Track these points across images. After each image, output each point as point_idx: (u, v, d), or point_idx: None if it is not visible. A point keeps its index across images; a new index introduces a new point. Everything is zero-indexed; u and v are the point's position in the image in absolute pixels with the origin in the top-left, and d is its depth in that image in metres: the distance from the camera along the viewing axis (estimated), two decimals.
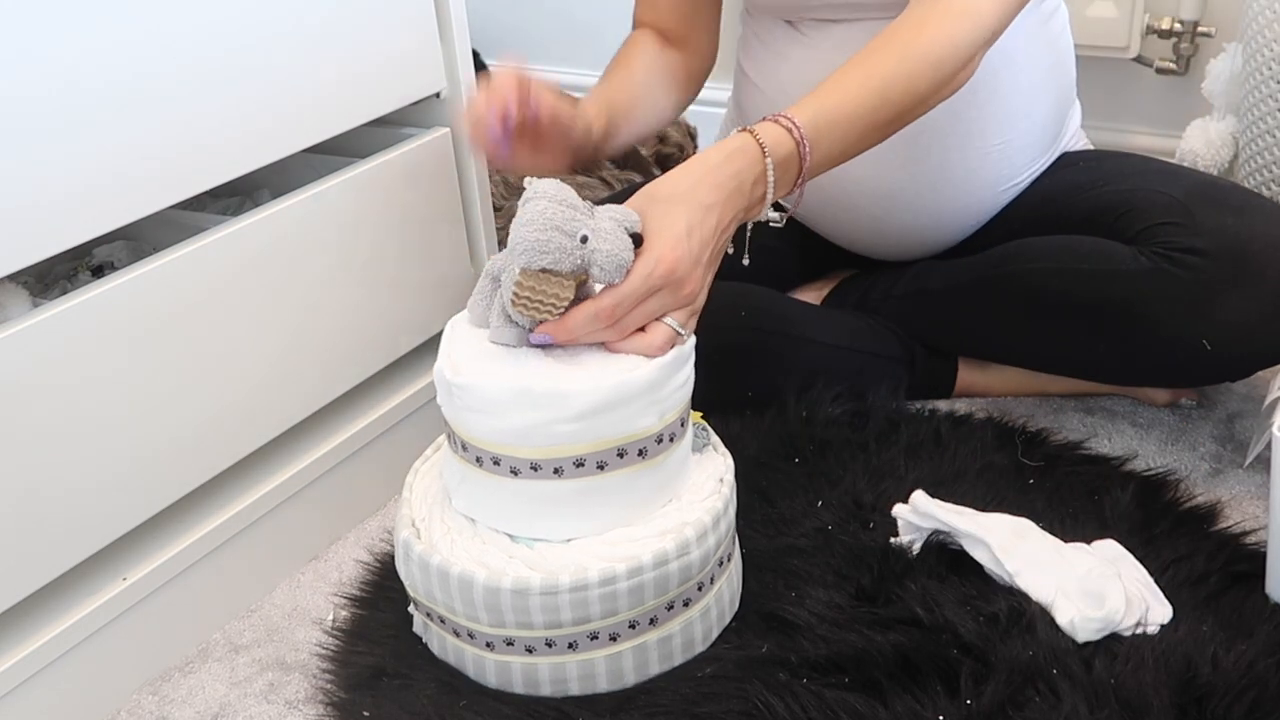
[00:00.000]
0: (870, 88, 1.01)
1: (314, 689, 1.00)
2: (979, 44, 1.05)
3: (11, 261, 0.87)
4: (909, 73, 1.02)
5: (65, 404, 0.92)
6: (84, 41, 0.90)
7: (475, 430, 0.91)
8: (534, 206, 0.88)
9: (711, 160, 0.96)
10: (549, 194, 0.89)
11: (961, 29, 1.03)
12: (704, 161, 0.96)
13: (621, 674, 0.93)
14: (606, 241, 0.88)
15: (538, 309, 0.89)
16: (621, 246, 0.88)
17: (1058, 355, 1.24)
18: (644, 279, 0.90)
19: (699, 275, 0.93)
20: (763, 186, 0.97)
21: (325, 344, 1.14)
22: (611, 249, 0.88)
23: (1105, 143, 1.62)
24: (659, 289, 0.91)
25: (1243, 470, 1.17)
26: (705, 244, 0.93)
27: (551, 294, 0.88)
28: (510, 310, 0.91)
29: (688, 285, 0.92)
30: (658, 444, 0.92)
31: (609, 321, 0.90)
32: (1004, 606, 0.94)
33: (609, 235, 0.88)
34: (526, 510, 0.92)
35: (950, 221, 1.27)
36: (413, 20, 1.17)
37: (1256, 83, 1.40)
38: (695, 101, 2.05)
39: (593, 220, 0.89)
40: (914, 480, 1.12)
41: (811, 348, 1.28)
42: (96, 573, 1.00)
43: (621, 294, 0.90)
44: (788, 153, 0.98)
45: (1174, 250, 1.11)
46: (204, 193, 1.03)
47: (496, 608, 0.90)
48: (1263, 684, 0.86)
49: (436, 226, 1.25)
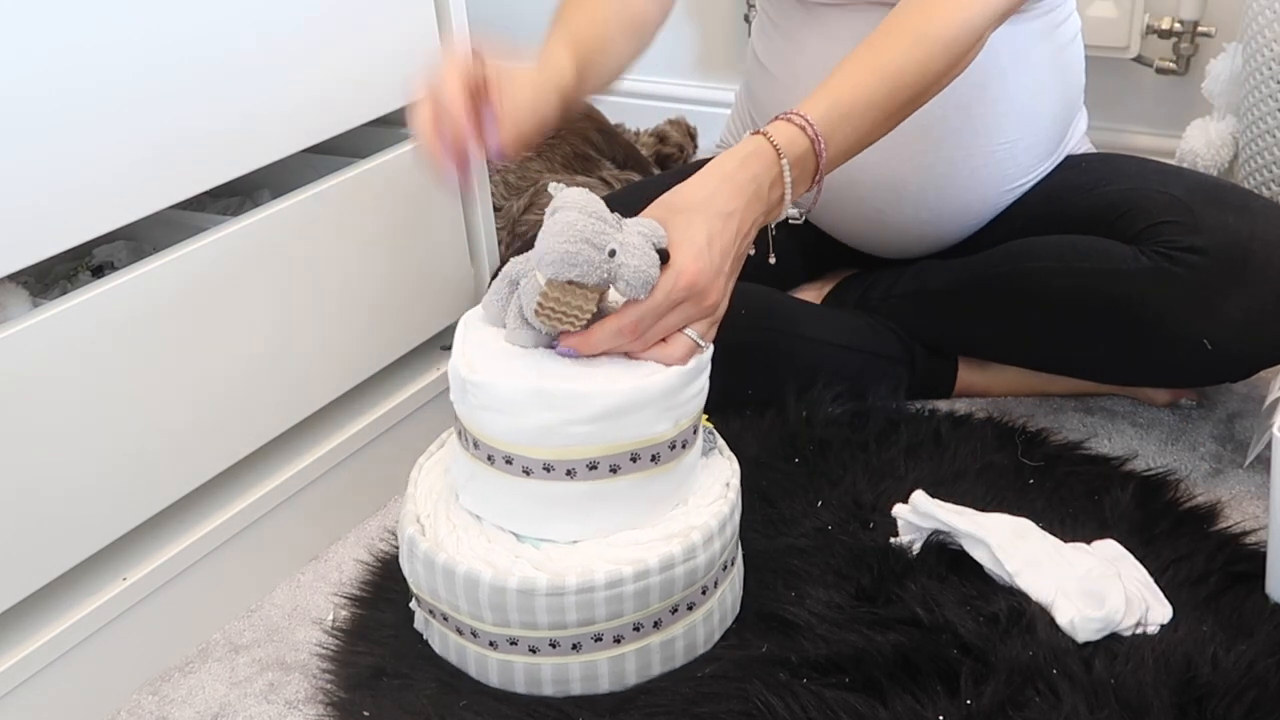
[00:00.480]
0: (883, 75, 1.00)
1: (314, 689, 1.00)
2: (990, 21, 1.03)
3: (11, 261, 0.87)
4: (921, 57, 1.00)
5: (65, 404, 0.92)
6: (84, 41, 0.90)
7: (489, 429, 0.91)
8: (563, 217, 0.87)
9: (727, 167, 0.95)
10: (578, 204, 0.88)
11: (974, 8, 1.02)
12: (720, 168, 0.95)
13: (624, 675, 0.93)
14: (634, 257, 0.87)
15: (560, 319, 0.89)
16: (648, 263, 0.88)
17: (1058, 355, 1.24)
18: (667, 294, 0.89)
19: (720, 285, 0.93)
20: (780, 188, 0.97)
21: (325, 344, 1.14)
22: (639, 264, 0.87)
23: (1105, 143, 1.62)
24: (681, 302, 0.90)
25: (1243, 470, 1.17)
26: (726, 253, 0.93)
27: (575, 305, 0.88)
28: (531, 318, 0.91)
29: (710, 296, 0.92)
30: (671, 450, 0.92)
31: (632, 336, 0.90)
32: (1004, 606, 0.94)
33: (636, 250, 0.88)
34: (536, 510, 0.92)
35: (953, 219, 1.27)
36: (413, 20, 1.17)
37: (1256, 83, 1.40)
38: (695, 102, 2.04)
39: (620, 234, 0.88)
40: (914, 480, 1.12)
41: (811, 347, 1.28)
42: (96, 573, 0.99)
43: (645, 309, 0.89)
44: (803, 151, 0.97)
45: (1175, 249, 1.11)
46: (204, 193, 1.03)
47: (501, 607, 0.90)
48: (1263, 684, 0.86)
49: (436, 226, 1.25)
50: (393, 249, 1.19)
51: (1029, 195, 1.27)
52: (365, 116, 1.15)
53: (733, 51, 1.97)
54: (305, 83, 1.07)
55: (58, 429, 0.92)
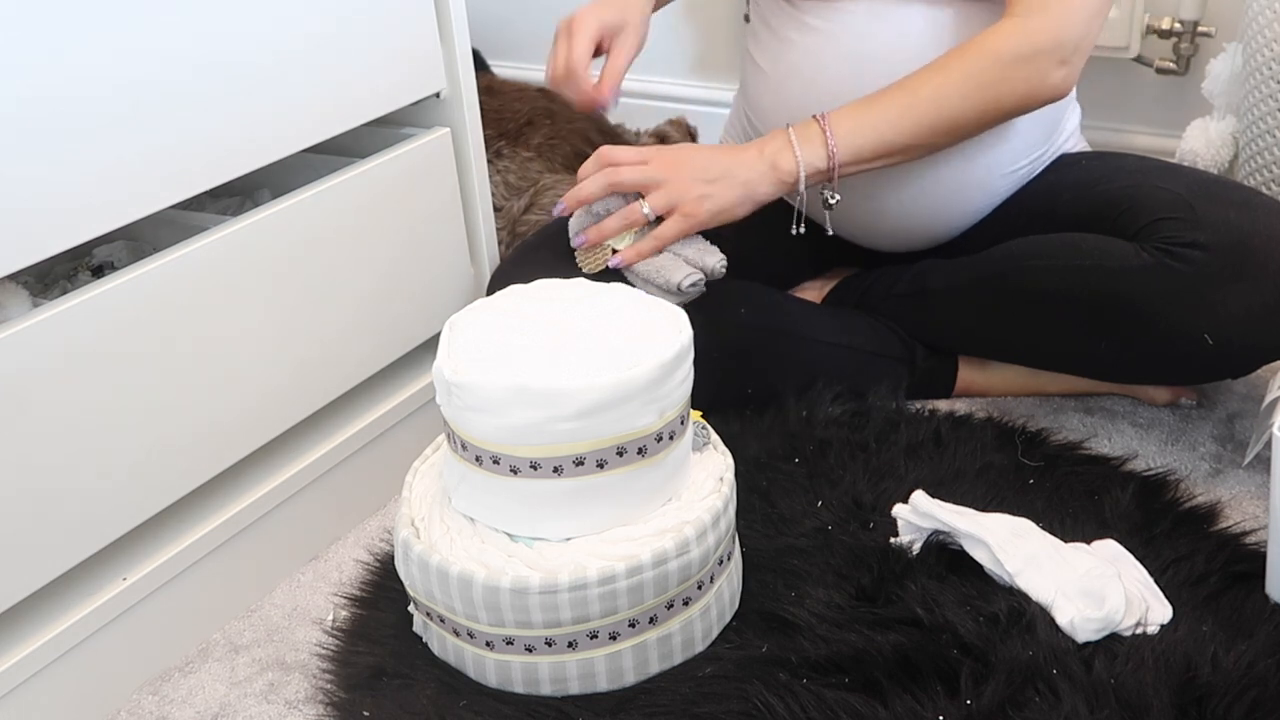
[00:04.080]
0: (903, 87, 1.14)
1: (314, 689, 1.00)
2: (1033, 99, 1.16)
3: (11, 261, 0.87)
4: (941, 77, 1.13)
5: (65, 404, 0.92)
6: (84, 43, 0.90)
7: (474, 429, 0.91)
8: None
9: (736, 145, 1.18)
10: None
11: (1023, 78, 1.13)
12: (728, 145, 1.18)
13: (621, 673, 0.93)
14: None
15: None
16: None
17: (1060, 353, 1.24)
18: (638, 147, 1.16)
19: (692, 180, 1.13)
20: (789, 153, 1.13)
21: (325, 344, 1.14)
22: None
23: (1105, 143, 1.62)
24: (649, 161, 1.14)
25: (1243, 470, 1.17)
26: (711, 171, 1.13)
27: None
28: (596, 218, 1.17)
29: (679, 180, 1.13)
30: (657, 442, 0.92)
31: (599, 164, 1.16)
32: (1004, 606, 0.94)
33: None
34: (526, 509, 0.92)
35: (948, 206, 1.27)
36: (413, 20, 1.17)
37: (1256, 83, 1.40)
38: (695, 102, 2.04)
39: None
40: (914, 480, 1.12)
41: (812, 346, 1.28)
42: (96, 573, 1.00)
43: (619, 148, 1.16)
44: (808, 124, 1.14)
45: (1176, 245, 1.11)
46: (204, 193, 1.03)
47: (496, 607, 0.90)
48: (1263, 684, 0.86)
49: (436, 226, 1.25)
50: (393, 249, 1.19)
51: (1028, 193, 1.27)
52: (365, 116, 1.15)
53: (732, 52, 1.97)
54: (305, 83, 1.07)
55: (57, 429, 0.92)
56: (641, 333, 0.93)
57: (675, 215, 1.13)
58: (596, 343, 0.92)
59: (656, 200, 1.13)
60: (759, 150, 1.14)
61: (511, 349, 0.93)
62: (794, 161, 1.13)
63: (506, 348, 0.93)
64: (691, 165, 1.14)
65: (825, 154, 1.13)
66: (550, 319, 0.96)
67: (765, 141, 1.15)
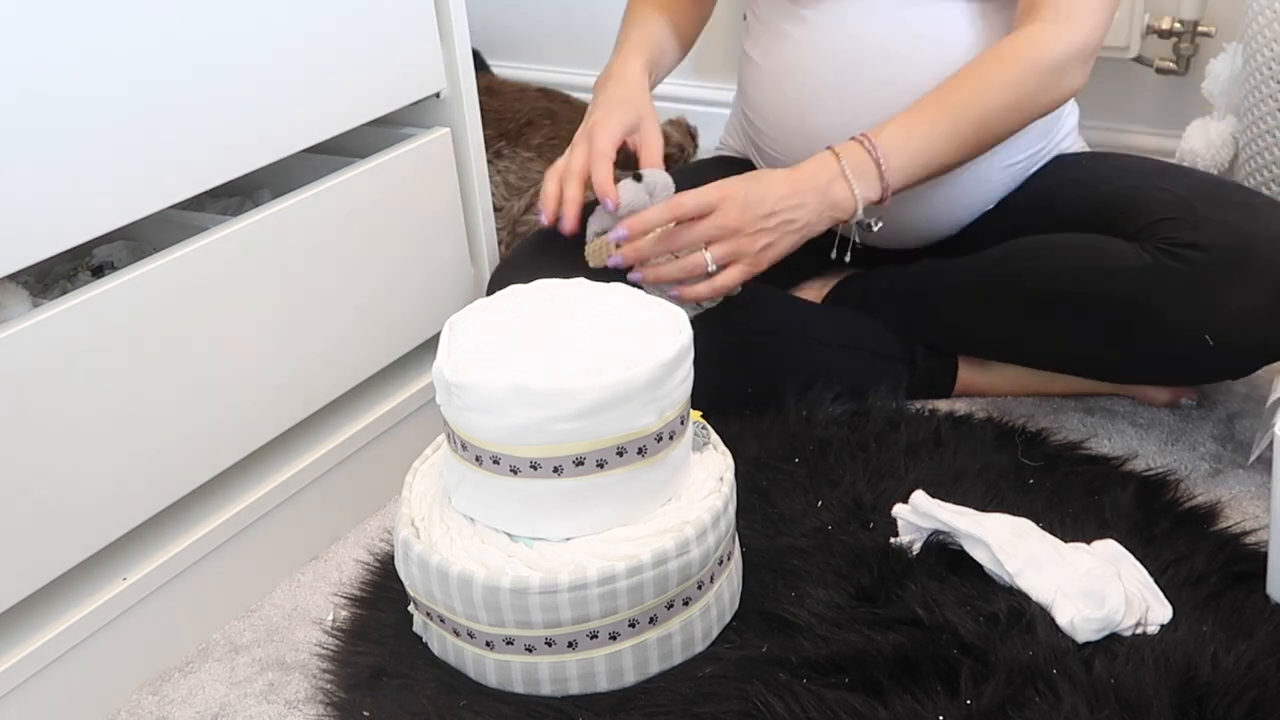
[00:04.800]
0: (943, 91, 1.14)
1: (314, 689, 1.00)
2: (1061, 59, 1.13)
3: (11, 261, 0.87)
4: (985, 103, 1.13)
5: (65, 404, 0.92)
6: (84, 43, 0.90)
7: (475, 429, 0.91)
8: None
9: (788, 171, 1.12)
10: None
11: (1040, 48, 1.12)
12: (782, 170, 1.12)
13: (621, 673, 0.93)
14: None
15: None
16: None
17: (1060, 353, 1.24)
18: (698, 197, 1.08)
19: (755, 225, 1.08)
20: (843, 185, 1.11)
21: (325, 344, 1.14)
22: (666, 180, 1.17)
23: (1105, 143, 1.62)
24: (711, 212, 1.08)
25: (1243, 470, 1.17)
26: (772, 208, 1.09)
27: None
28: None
29: (742, 229, 1.08)
30: (657, 442, 0.92)
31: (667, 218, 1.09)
32: (1004, 606, 0.94)
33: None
34: (526, 509, 0.92)
35: (947, 201, 1.26)
36: (413, 20, 1.17)
37: (1256, 83, 1.40)
38: (695, 102, 2.04)
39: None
40: (914, 480, 1.12)
41: (812, 346, 1.28)
42: (96, 573, 1.00)
43: (682, 199, 1.09)
44: (858, 154, 1.12)
45: (1176, 245, 1.11)
46: (204, 193, 1.03)
47: (496, 607, 0.90)
48: (1263, 684, 0.86)
49: (436, 226, 1.25)
50: (393, 249, 1.19)
51: (1028, 193, 1.27)
52: (365, 116, 1.15)
53: (732, 52, 1.97)
54: (305, 83, 1.07)
55: (58, 429, 0.92)
56: (641, 333, 0.93)
57: (737, 266, 1.11)
58: (596, 343, 0.92)
59: (720, 251, 1.10)
60: (816, 189, 1.11)
61: (511, 349, 0.93)
62: (851, 199, 1.12)
63: (506, 348, 0.93)
64: (759, 209, 1.09)
65: (879, 187, 1.12)
66: (550, 319, 0.96)
67: (818, 171, 1.12)
